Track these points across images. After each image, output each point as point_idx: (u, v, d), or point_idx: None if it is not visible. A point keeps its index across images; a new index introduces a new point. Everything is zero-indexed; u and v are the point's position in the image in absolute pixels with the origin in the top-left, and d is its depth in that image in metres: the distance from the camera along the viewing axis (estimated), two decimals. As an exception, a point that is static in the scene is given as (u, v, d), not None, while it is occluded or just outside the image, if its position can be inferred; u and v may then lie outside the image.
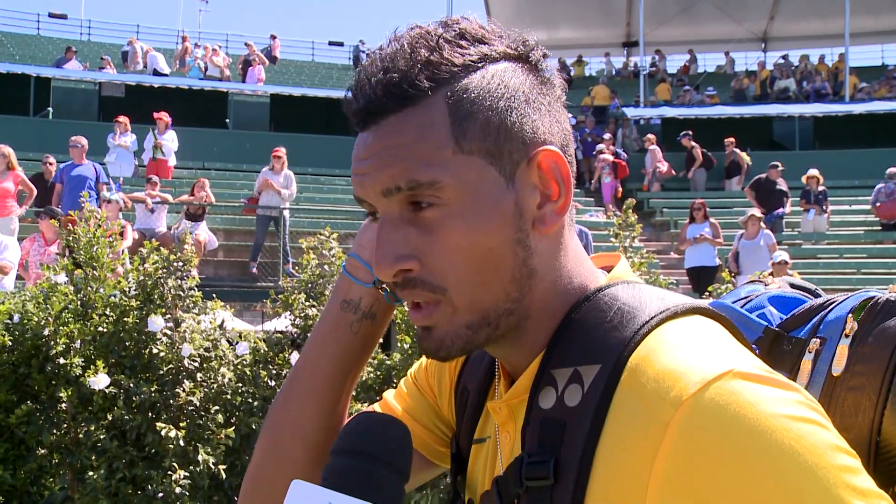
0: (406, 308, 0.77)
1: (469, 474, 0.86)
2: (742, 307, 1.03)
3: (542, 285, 0.75)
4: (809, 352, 0.92)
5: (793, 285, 1.10)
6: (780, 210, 12.66)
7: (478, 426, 0.86)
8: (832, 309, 0.95)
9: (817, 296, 1.07)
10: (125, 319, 4.13)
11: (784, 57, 23.15)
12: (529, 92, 0.75)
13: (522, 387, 0.76)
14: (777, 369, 0.75)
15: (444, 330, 0.74)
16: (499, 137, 0.72)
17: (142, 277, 4.24)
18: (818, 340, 0.92)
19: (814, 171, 12.94)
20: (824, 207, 13.10)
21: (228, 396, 4.27)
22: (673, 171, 15.45)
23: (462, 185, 0.71)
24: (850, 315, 0.91)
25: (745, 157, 15.87)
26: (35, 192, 8.99)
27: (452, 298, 0.72)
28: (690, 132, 15.96)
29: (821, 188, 13.08)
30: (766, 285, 1.11)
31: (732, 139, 16.01)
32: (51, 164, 10.03)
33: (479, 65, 0.73)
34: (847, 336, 0.89)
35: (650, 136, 16.04)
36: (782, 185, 12.75)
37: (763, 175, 12.75)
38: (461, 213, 0.71)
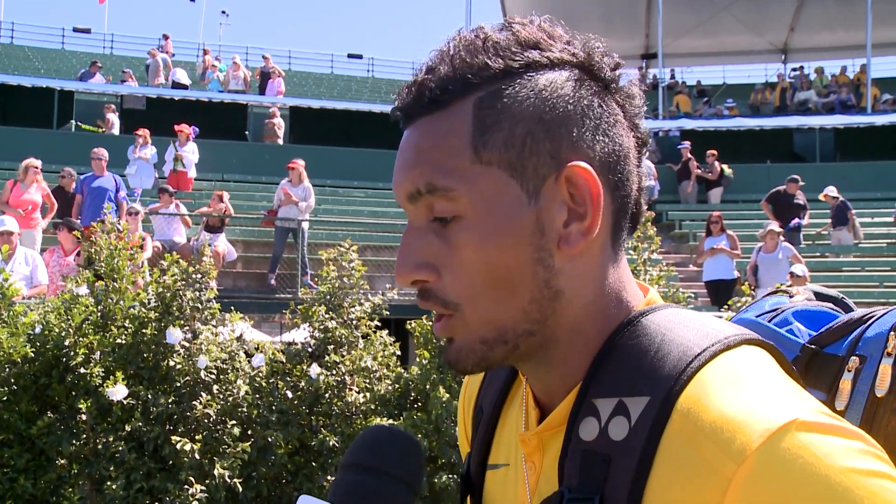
0: (425, 321, 0.76)
1: (485, 502, 0.83)
2: (769, 322, 0.99)
3: (572, 309, 0.71)
4: (849, 371, 0.89)
5: (818, 295, 1.06)
6: (797, 221, 12.46)
7: (491, 450, 0.83)
8: (871, 324, 0.91)
9: (846, 306, 1.03)
10: (144, 331, 4.16)
11: (800, 69, 22.97)
12: (575, 103, 0.70)
13: (558, 419, 0.72)
14: (815, 389, 0.71)
15: (460, 342, 0.72)
16: (523, 150, 0.69)
17: (161, 289, 4.27)
18: (857, 359, 0.89)
19: (829, 190, 12.69)
20: (848, 217, 12.87)
21: (245, 410, 4.27)
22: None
23: (477, 196, 0.69)
24: (891, 332, 0.87)
25: (725, 169, 15.59)
26: (56, 205, 9.09)
27: (465, 314, 0.70)
28: (688, 143, 15.76)
29: (840, 200, 12.87)
30: (790, 297, 1.06)
31: (714, 151, 15.76)
32: (69, 175, 10.03)
33: (522, 71, 0.70)
34: (889, 355, 0.86)
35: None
36: (800, 198, 12.58)
37: (781, 187, 12.61)
38: (476, 226, 0.69)
